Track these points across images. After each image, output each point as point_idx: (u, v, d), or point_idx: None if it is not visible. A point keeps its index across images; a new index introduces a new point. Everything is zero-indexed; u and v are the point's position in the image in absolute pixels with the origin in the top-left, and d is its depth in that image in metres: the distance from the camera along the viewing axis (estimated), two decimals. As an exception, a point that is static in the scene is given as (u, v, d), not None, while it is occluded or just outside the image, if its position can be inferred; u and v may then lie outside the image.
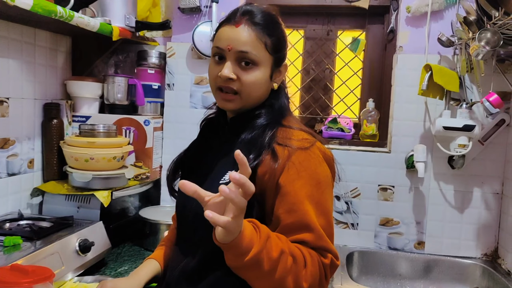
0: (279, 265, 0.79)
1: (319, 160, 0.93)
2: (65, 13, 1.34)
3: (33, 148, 1.64)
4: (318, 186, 0.90)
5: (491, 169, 1.73)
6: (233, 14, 0.98)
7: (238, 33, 0.94)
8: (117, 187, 1.61)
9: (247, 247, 0.76)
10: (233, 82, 0.95)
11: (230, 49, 0.94)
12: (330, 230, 0.91)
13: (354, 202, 1.84)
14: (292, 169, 0.89)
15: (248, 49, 0.94)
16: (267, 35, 0.96)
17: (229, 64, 0.95)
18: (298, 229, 0.86)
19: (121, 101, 1.85)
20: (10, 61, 1.50)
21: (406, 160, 1.77)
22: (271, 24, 0.98)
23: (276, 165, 0.89)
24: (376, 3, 1.86)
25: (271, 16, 0.99)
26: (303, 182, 0.88)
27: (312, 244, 0.86)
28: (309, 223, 0.86)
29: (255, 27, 0.95)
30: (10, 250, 1.16)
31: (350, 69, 1.98)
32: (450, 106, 1.69)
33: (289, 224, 0.86)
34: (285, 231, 0.87)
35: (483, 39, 1.36)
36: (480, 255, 1.77)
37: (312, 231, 0.86)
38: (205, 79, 1.89)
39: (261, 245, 0.77)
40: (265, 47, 0.96)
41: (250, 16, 0.96)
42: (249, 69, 0.95)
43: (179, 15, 1.88)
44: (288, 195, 0.88)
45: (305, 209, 0.86)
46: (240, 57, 0.95)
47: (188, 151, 1.13)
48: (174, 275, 0.98)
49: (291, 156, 0.90)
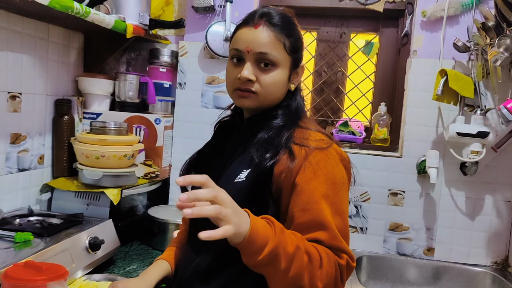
0: (295, 261, 0.78)
1: (336, 161, 0.92)
2: (81, 9, 1.33)
3: (43, 144, 1.64)
4: (334, 186, 0.89)
5: (504, 177, 1.71)
6: (251, 16, 0.98)
7: (257, 35, 0.94)
8: (127, 185, 1.61)
9: (262, 244, 0.76)
10: (252, 84, 0.95)
11: (249, 51, 0.94)
12: (346, 231, 0.90)
13: (363, 206, 1.82)
14: (309, 168, 0.88)
15: (268, 50, 0.94)
16: (285, 36, 0.96)
17: (249, 66, 0.94)
18: (312, 228, 0.85)
19: (132, 99, 1.84)
20: (23, 56, 1.49)
21: (418, 165, 1.76)
22: (288, 25, 0.98)
23: (293, 164, 0.89)
24: (390, 7, 1.85)
25: (288, 17, 1.00)
26: (319, 181, 0.88)
27: (326, 243, 0.84)
28: (323, 222, 0.85)
29: (274, 28, 0.95)
30: (21, 246, 1.15)
31: (363, 72, 1.97)
32: (464, 112, 1.67)
33: (303, 222, 0.86)
34: (299, 229, 0.86)
35: (503, 45, 1.34)
36: (490, 263, 1.75)
37: (327, 230, 0.85)
38: (217, 78, 1.88)
39: (277, 240, 0.77)
40: (284, 48, 0.96)
41: (268, 18, 0.96)
42: (268, 70, 0.95)
43: (192, 14, 1.87)
44: (303, 193, 0.87)
45: (320, 208, 0.86)
46: (260, 59, 0.94)
47: (201, 151, 1.12)
48: (187, 274, 0.97)
49: (308, 156, 0.90)
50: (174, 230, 1.57)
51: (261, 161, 0.90)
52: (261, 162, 0.90)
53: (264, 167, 0.89)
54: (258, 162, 0.90)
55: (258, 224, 0.77)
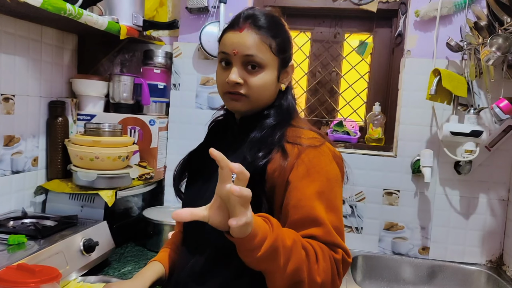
0: (293, 255, 0.78)
1: (329, 158, 0.93)
2: (74, 11, 1.33)
3: (37, 146, 1.63)
4: (328, 183, 0.89)
5: (498, 175, 1.72)
6: (236, 19, 0.98)
7: (243, 38, 0.94)
8: (122, 187, 1.60)
9: (262, 239, 0.75)
10: (240, 86, 0.95)
11: (235, 54, 0.94)
12: (341, 227, 0.89)
13: (358, 206, 1.83)
14: (302, 166, 0.89)
15: (254, 53, 0.94)
16: (271, 37, 0.96)
17: (236, 69, 0.95)
18: (306, 224, 0.85)
19: (126, 100, 1.84)
20: (16, 58, 1.49)
21: (412, 165, 1.76)
22: (274, 26, 0.98)
23: (286, 163, 0.89)
24: (384, 7, 1.85)
25: (274, 18, 0.99)
26: (312, 179, 0.88)
27: (321, 238, 0.84)
28: (317, 218, 0.85)
29: (258, 30, 0.95)
30: (14, 249, 1.15)
31: (357, 72, 1.97)
32: (457, 111, 1.68)
33: (297, 219, 0.86)
34: (293, 226, 0.86)
35: (495, 44, 1.35)
36: (485, 262, 1.76)
37: (321, 226, 0.85)
38: (212, 79, 1.88)
39: (275, 235, 0.77)
40: (270, 49, 0.96)
41: (253, 20, 0.96)
42: (256, 72, 0.95)
43: (186, 15, 1.87)
44: (296, 191, 0.87)
45: (312, 205, 0.86)
46: (246, 61, 0.95)
47: (195, 152, 1.12)
48: (182, 275, 0.97)
49: (301, 154, 0.90)
50: (169, 231, 1.57)
51: (254, 160, 0.90)
52: (254, 161, 0.90)
53: (257, 166, 0.89)
54: (251, 161, 0.90)
55: (257, 220, 0.77)
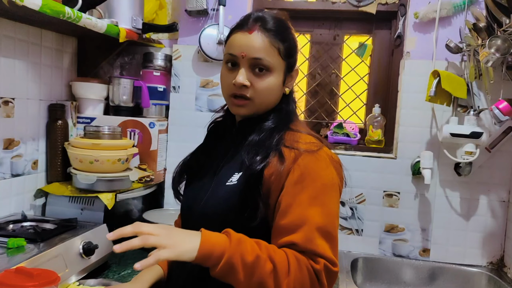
0: (256, 270, 0.79)
1: (326, 163, 0.92)
2: (73, 14, 1.33)
3: (37, 149, 1.63)
4: (322, 187, 0.89)
5: (498, 177, 1.72)
6: (245, 20, 0.98)
7: (252, 40, 0.94)
8: (121, 190, 1.60)
9: (218, 256, 0.78)
10: (246, 89, 0.95)
11: (244, 56, 0.94)
12: (333, 232, 0.88)
13: (359, 208, 1.82)
14: (297, 171, 0.89)
15: (262, 56, 0.94)
16: (280, 41, 0.96)
17: (243, 71, 0.95)
18: (290, 231, 0.85)
19: (126, 103, 1.84)
20: (16, 61, 1.49)
21: (412, 167, 1.76)
22: (283, 30, 0.98)
23: (283, 167, 0.89)
24: (383, 9, 1.85)
25: (282, 21, 1.00)
26: (305, 184, 0.88)
27: (300, 247, 0.84)
28: (301, 225, 0.84)
29: (268, 33, 0.95)
30: (13, 252, 1.15)
31: (357, 74, 1.98)
32: (457, 113, 1.68)
33: (282, 225, 0.86)
34: (278, 231, 0.87)
35: (493, 46, 1.35)
36: (486, 264, 1.75)
37: (303, 233, 0.84)
38: (211, 82, 1.88)
39: (231, 251, 0.78)
40: (278, 53, 0.96)
41: (262, 23, 0.96)
42: (263, 76, 0.95)
43: (185, 17, 1.87)
44: (288, 196, 0.88)
45: (300, 211, 0.86)
46: (254, 64, 0.95)
47: (194, 154, 1.13)
48: (181, 278, 0.98)
49: (298, 158, 0.90)
50: (169, 234, 1.57)
51: (251, 164, 0.90)
52: (251, 165, 0.90)
53: (254, 170, 0.90)
54: (249, 165, 0.91)
55: (211, 239, 0.79)
